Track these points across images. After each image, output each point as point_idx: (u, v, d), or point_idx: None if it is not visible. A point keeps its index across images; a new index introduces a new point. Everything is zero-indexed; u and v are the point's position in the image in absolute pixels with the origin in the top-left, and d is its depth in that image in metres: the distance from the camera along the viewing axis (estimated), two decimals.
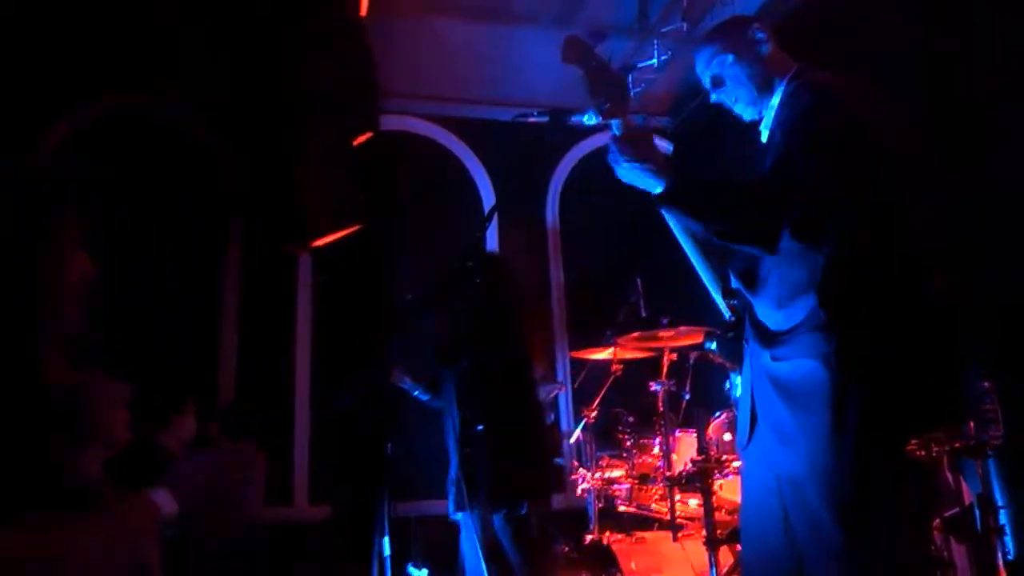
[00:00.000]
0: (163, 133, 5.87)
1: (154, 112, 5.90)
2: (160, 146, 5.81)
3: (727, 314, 2.21)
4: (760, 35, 2.09)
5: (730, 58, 2.09)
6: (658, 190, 1.92)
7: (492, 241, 6.25)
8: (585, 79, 1.95)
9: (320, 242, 4.88)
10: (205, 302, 5.69)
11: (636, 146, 1.92)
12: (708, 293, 2.24)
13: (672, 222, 2.09)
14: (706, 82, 2.17)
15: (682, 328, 3.93)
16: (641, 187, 1.97)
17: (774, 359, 1.92)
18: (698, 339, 4.00)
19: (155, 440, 3.32)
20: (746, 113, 2.13)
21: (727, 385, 3.30)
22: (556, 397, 5.81)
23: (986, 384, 3.01)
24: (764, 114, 2.10)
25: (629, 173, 1.94)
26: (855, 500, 1.78)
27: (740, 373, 2.16)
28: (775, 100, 2.06)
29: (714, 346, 2.25)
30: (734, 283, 2.10)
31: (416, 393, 3.80)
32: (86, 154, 5.59)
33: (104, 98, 5.76)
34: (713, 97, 2.16)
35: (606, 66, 1.96)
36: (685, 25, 5.19)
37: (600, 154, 6.60)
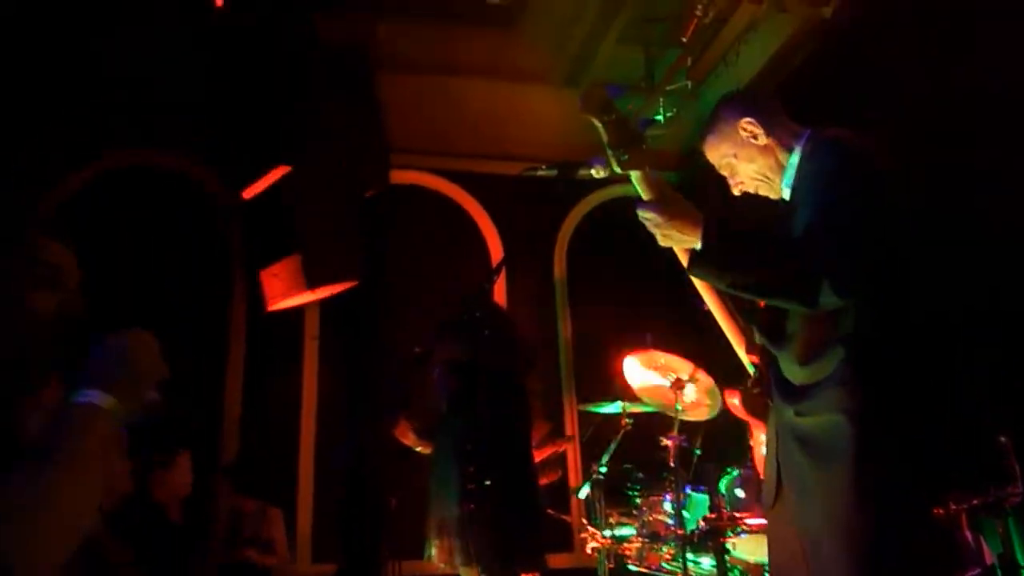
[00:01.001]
0: (171, 187, 5.96)
1: (161, 166, 5.99)
2: (168, 199, 5.89)
3: (751, 369, 2.18)
4: (752, 129, 2.08)
5: (734, 160, 2.11)
6: (696, 246, 1.90)
7: (500, 294, 6.25)
8: (604, 130, 1.96)
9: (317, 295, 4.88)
10: (210, 354, 5.69)
11: (671, 204, 1.92)
12: (728, 348, 2.21)
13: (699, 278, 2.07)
14: (724, 178, 2.19)
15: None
16: (679, 246, 1.96)
17: (798, 415, 1.89)
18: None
19: (149, 493, 3.26)
20: (772, 194, 2.14)
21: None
22: (564, 453, 5.74)
23: (1003, 440, 2.97)
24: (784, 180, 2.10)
25: (670, 235, 1.93)
26: (875, 563, 1.73)
27: (765, 430, 2.13)
28: (793, 160, 2.06)
29: (737, 401, 2.21)
30: (758, 339, 2.08)
31: (419, 448, 3.75)
32: (93, 208, 5.66)
33: (113, 153, 5.86)
34: (736, 192, 2.17)
35: (625, 119, 1.98)
36: (689, 83, 5.27)
37: (609, 207, 6.69)
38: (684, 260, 1.97)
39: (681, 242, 1.94)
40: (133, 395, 1.20)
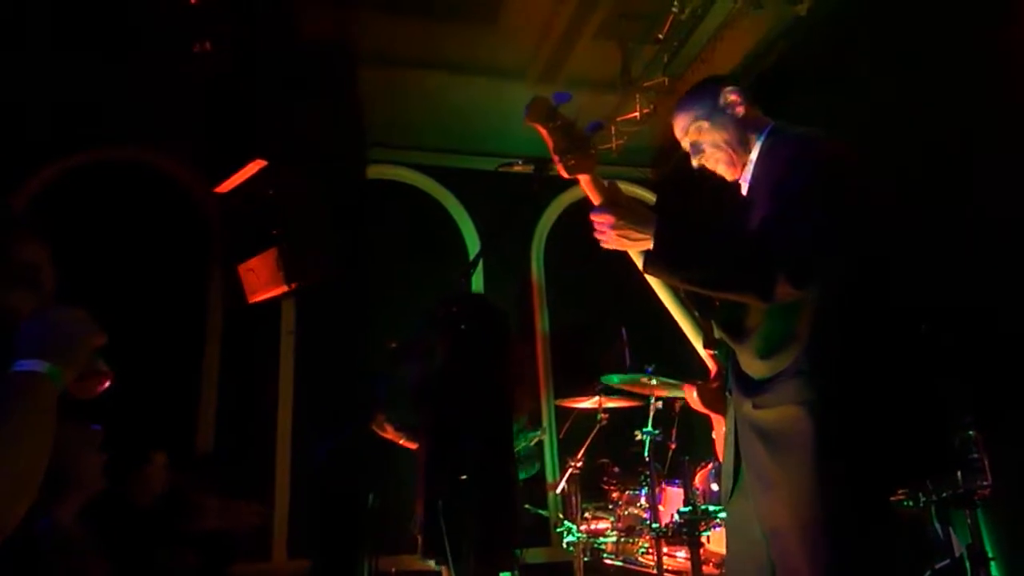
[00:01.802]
0: (148, 182, 5.90)
1: (138, 161, 5.93)
2: (144, 194, 5.83)
3: (708, 365, 2.21)
4: (733, 97, 2.12)
5: (706, 124, 2.12)
6: (649, 246, 1.91)
7: (477, 288, 6.25)
8: (550, 137, 1.98)
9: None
10: (186, 348, 5.64)
11: (622, 209, 1.92)
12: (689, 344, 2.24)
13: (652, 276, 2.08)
14: (685, 147, 2.20)
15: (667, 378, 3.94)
16: (633, 248, 1.97)
17: (756, 407, 1.90)
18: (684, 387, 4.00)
19: (131, 484, 3.23)
20: (728, 174, 2.16)
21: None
22: (541, 445, 5.76)
23: (972, 433, 3.03)
24: (744, 170, 2.13)
25: (625, 235, 1.92)
26: (838, 554, 1.75)
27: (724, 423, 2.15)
28: (753, 155, 2.09)
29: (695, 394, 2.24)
30: (717, 333, 2.10)
31: (400, 441, 3.75)
32: (67, 203, 5.59)
33: (88, 148, 5.79)
34: (695, 163, 2.19)
35: (571, 125, 1.99)
36: (666, 79, 5.29)
37: (584, 203, 6.70)
38: (638, 261, 1.97)
39: (636, 243, 1.94)
40: (70, 360, 1.23)
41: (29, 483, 1.13)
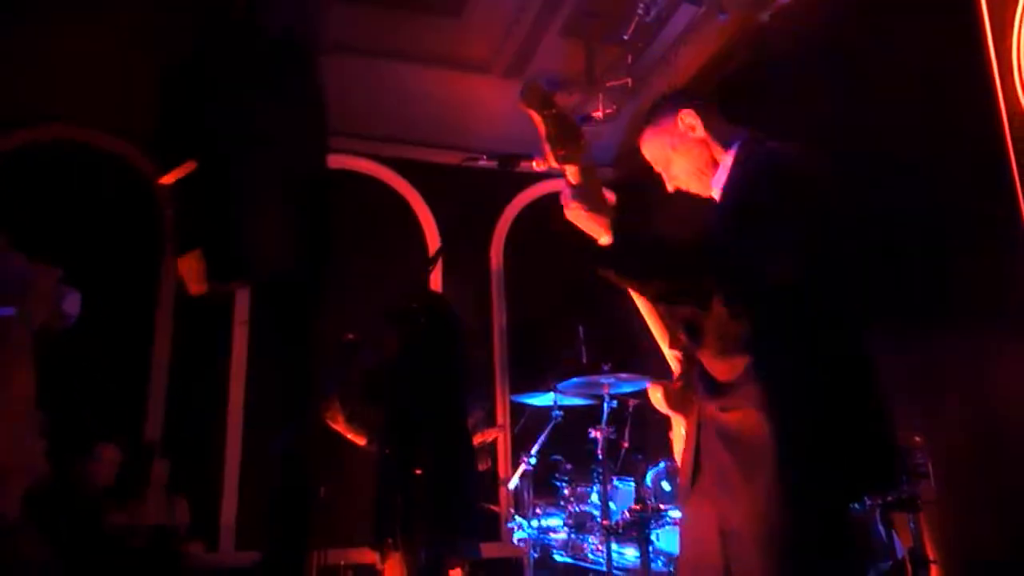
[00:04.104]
0: (103, 166, 5.76)
1: (91, 143, 5.79)
2: (98, 178, 5.69)
3: (672, 365, 2.22)
4: (690, 121, 2.12)
5: (671, 153, 2.14)
6: (601, 239, 1.93)
7: (436, 283, 6.23)
8: (544, 124, 1.97)
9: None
10: (136, 337, 5.53)
11: (587, 198, 1.94)
12: (653, 342, 2.25)
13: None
14: (658, 172, 2.22)
15: (623, 375, 3.96)
16: (584, 230, 1.99)
17: (721, 409, 1.92)
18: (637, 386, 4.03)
19: (77, 475, 3.17)
20: (703, 191, 2.17)
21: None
22: (494, 442, 5.76)
23: (916, 438, 3.10)
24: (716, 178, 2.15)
25: (575, 217, 1.96)
26: (792, 558, 1.77)
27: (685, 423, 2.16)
28: (727, 161, 2.10)
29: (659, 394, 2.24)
30: (681, 334, 2.12)
31: (349, 435, 3.72)
32: (19, 180, 5.43)
33: (42, 125, 5.64)
34: (670, 188, 2.20)
35: (564, 114, 1.99)
36: (629, 80, 5.32)
37: (546, 201, 6.72)
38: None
39: (586, 226, 1.96)
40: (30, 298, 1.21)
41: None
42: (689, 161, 2.12)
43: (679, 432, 2.21)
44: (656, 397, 2.23)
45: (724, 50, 5.26)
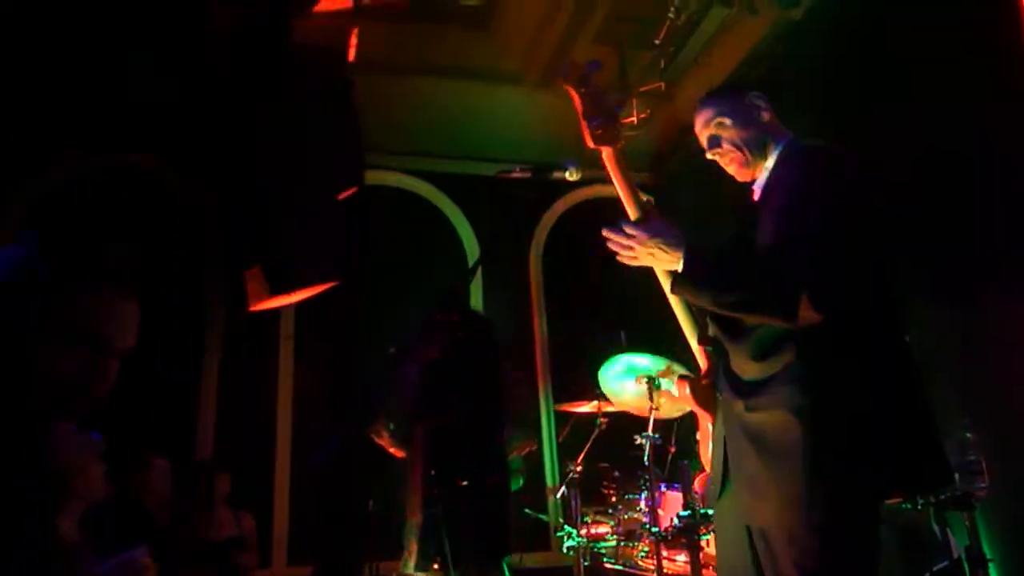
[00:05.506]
0: (147, 188, 5.92)
1: (137, 167, 5.94)
2: (144, 201, 5.84)
3: (700, 360, 2.21)
4: (759, 102, 2.16)
5: (728, 121, 2.14)
6: (674, 267, 1.93)
7: (477, 294, 6.26)
8: (580, 101, 2.00)
9: (298, 297, 4.86)
10: (185, 356, 5.65)
11: (652, 223, 1.95)
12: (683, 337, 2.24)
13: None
14: (703, 141, 2.21)
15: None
16: (659, 266, 1.99)
17: (748, 409, 1.90)
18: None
19: (133, 496, 3.24)
20: (738, 175, 2.17)
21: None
22: (532, 454, 5.76)
23: (969, 435, 3.04)
24: (758, 174, 2.14)
25: (653, 254, 1.95)
26: (822, 559, 1.75)
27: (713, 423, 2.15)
28: (769, 162, 2.10)
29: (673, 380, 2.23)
30: (712, 331, 2.11)
31: (392, 449, 3.75)
32: (66, 209, 5.60)
33: (89, 154, 5.80)
34: (709, 156, 2.20)
35: (602, 93, 2.02)
36: (663, 85, 5.31)
37: (583, 208, 6.73)
38: (664, 280, 2.01)
39: (661, 263, 1.96)
40: None
41: None
42: (741, 135, 2.12)
43: (707, 430, 2.20)
44: (684, 393, 2.22)
45: (757, 50, 5.22)
